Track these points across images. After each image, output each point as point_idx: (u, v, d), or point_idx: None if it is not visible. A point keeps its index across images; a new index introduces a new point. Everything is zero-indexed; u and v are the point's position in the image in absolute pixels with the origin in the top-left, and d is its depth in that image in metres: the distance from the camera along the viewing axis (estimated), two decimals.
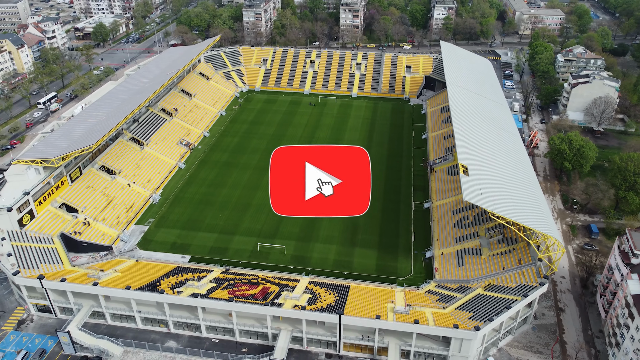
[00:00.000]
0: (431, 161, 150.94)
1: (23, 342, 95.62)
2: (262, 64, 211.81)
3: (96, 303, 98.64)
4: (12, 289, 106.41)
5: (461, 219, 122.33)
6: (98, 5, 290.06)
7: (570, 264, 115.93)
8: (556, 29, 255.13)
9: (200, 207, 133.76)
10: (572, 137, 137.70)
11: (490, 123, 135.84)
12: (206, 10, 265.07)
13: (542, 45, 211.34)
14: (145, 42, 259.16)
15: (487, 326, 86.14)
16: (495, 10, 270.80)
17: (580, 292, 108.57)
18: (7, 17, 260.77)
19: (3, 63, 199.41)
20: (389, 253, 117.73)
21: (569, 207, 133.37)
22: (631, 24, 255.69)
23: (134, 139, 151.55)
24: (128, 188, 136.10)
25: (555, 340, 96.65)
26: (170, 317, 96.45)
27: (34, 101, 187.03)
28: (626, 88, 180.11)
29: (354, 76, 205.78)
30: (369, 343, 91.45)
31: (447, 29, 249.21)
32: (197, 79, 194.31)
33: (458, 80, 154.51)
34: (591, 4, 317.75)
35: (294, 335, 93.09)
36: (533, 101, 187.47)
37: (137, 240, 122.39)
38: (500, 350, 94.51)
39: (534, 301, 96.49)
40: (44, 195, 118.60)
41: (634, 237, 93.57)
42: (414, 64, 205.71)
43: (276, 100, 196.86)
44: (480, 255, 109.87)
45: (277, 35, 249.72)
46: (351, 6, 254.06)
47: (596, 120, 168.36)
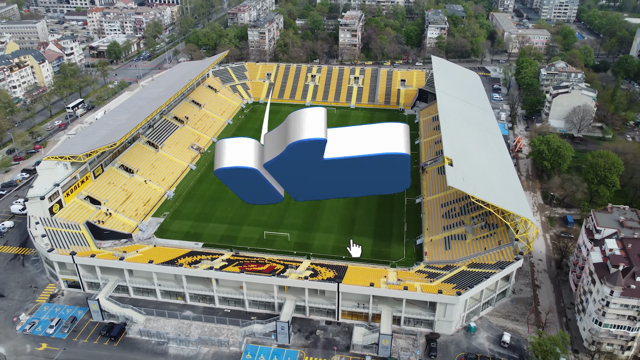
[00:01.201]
0: (423, 163, 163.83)
1: (55, 312, 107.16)
2: (267, 78, 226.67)
3: (121, 278, 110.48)
4: (43, 268, 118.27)
5: (449, 211, 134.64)
6: (111, 26, 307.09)
7: (547, 249, 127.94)
8: (542, 48, 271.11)
9: (211, 202, 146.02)
10: (550, 138, 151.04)
11: (475, 125, 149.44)
12: (213, 30, 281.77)
13: (527, 60, 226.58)
14: (156, 59, 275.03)
15: (468, 292, 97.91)
16: (485, 30, 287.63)
17: (556, 272, 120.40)
18: (27, 37, 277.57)
19: (25, 77, 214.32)
20: (383, 240, 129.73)
21: (548, 202, 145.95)
22: (613, 43, 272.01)
23: (150, 142, 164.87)
24: (145, 185, 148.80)
25: (530, 310, 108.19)
26: (187, 290, 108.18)
27: (55, 110, 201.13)
28: (604, 99, 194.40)
29: (352, 89, 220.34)
30: (364, 310, 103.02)
31: (439, 47, 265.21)
32: (206, 91, 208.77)
33: (447, 89, 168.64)
34: (577, 26, 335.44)
35: (297, 304, 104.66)
36: (518, 111, 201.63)
37: (154, 230, 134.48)
38: (481, 318, 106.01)
39: (511, 276, 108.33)
40: (70, 188, 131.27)
41: (597, 217, 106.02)
42: (408, 78, 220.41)
43: (279, 111, 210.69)
44: (465, 240, 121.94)
45: (280, 53, 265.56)
46: (349, 26, 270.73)
47: (576, 127, 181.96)
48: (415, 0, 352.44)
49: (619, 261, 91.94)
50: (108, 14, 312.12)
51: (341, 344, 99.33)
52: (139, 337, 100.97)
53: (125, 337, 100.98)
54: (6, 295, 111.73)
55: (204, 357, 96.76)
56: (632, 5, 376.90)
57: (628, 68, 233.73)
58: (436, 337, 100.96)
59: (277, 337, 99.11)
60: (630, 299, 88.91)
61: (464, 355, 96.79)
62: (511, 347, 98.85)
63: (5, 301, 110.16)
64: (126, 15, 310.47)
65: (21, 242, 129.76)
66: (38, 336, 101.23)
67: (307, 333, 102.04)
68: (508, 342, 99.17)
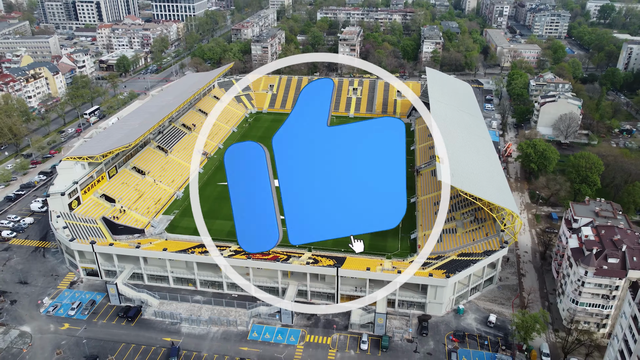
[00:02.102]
0: (417, 166, 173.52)
1: (76, 297, 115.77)
2: (269, 90, 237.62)
3: (136, 265, 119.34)
4: (63, 258, 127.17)
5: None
6: (119, 41, 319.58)
7: (533, 243, 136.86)
8: (533, 61, 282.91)
9: (218, 202, 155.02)
10: (536, 142, 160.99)
11: (465, 129, 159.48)
12: (218, 45, 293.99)
13: (518, 73, 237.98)
14: (163, 72, 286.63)
15: (456, 276, 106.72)
16: (478, 45, 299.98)
17: (540, 263, 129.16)
18: (39, 51, 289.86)
19: (40, 87, 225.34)
20: (380, 235, 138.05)
21: (535, 201, 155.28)
22: (601, 57, 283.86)
23: (160, 147, 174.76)
24: (155, 185, 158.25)
25: (516, 295, 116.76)
26: (198, 276, 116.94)
27: (69, 119, 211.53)
28: (590, 108, 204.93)
29: (351, 99, 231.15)
30: (361, 294, 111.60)
31: (435, 61, 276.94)
32: (212, 101, 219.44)
33: (440, 97, 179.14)
34: (568, 41, 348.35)
35: (299, 289, 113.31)
36: (509, 120, 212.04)
37: (164, 226, 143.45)
38: (470, 302, 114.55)
39: (497, 263, 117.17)
40: (87, 187, 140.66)
41: (574, 208, 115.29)
42: (404, 89, 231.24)
43: (282, 119, 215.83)
44: (456, 233, 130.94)
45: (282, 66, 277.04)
46: (348, 41, 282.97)
47: (563, 134, 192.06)
48: (412, 18, 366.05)
49: (593, 245, 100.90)
50: (117, 30, 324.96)
51: (340, 324, 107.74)
52: (153, 318, 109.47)
53: (141, 318, 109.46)
54: (29, 283, 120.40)
55: (214, 336, 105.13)
56: (621, 23, 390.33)
57: (614, 80, 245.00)
58: (428, 318, 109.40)
59: (281, 317, 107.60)
60: (602, 279, 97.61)
61: (453, 333, 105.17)
62: (497, 326, 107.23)
63: (28, 287, 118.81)
64: (134, 31, 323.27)
65: (41, 236, 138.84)
66: (60, 317, 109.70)
67: (309, 315, 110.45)
68: (494, 322, 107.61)
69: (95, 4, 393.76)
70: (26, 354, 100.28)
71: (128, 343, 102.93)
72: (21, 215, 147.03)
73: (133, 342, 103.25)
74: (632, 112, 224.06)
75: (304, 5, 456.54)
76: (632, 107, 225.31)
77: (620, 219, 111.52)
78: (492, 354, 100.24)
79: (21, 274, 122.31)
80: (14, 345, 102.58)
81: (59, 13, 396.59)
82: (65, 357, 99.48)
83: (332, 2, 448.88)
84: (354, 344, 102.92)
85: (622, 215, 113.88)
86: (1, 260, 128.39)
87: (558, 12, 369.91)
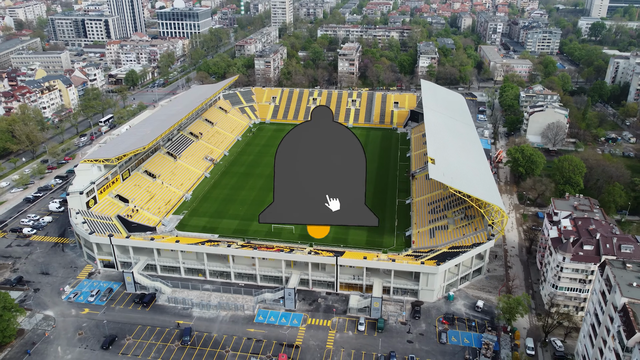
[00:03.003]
0: (413, 171, 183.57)
1: (94, 285, 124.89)
2: (272, 101, 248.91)
3: (150, 257, 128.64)
4: (81, 252, 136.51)
5: (434, 208, 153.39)
6: (127, 57, 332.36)
7: (520, 239, 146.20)
8: (525, 75, 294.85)
9: (224, 203, 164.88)
10: (524, 147, 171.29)
11: (456, 134, 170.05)
12: (222, 60, 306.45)
13: (509, 85, 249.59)
14: (169, 86, 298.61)
15: (446, 264, 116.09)
16: (472, 60, 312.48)
17: (526, 257, 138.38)
18: (51, 65, 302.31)
19: (54, 99, 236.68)
20: (377, 232, 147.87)
21: (523, 202, 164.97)
22: (590, 71, 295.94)
23: (169, 152, 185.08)
24: (166, 188, 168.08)
25: (502, 284, 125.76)
26: (207, 267, 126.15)
27: (81, 128, 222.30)
28: (577, 117, 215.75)
29: (350, 111, 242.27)
30: (359, 282, 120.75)
31: (430, 75, 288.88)
32: (217, 112, 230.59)
33: (434, 105, 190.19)
34: (560, 57, 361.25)
35: (302, 278, 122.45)
36: (500, 129, 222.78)
37: (175, 224, 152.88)
38: (459, 290, 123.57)
39: (485, 255, 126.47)
40: (103, 187, 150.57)
41: (555, 203, 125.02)
42: (400, 100, 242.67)
43: (284, 129, 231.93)
44: (447, 230, 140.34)
45: (284, 79, 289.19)
46: (348, 56, 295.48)
47: (551, 142, 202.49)
48: (409, 35, 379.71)
49: (570, 235, 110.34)
50: (125, 46, 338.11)
51: (339, 309, 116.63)
52: (167, 303, 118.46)
53: (155, 304, 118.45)
54: (50, 273, 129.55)
55: (223, 319, 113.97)
56: (611, 40, 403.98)
57: (602, 92, 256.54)
58: (420, 304, 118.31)
59: (285, 302, 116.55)
60: (578, 264, 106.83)
61: (443, 316, 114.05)
62: (484, 311, 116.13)
63: (50, 278, 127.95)
64: (142, 47, 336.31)
65: (59, 233, 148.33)
66: (81, 303, 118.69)
67: (310, 301, 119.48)
68: (481, 307, 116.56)
69: (103, 22, 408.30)
70: (51, 334, 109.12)
71: (144, 325, 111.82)
72: (40, 215, 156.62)
73: (148, 324, 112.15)
74: (618, 122, 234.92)
75: (304, 23, 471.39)
76: (618, 117, 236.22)
77: (596, 212, 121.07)
78: (478, 334, 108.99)
79: (43, 266, 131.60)
80: (38, 327, 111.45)
81: (69, 30, 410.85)
82: (87, 337, 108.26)
83: (332, 20, 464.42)
84: (352, 326, 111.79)
85: (599, 209, 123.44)
86: (23, 254, 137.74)
87: (550, 30, 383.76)
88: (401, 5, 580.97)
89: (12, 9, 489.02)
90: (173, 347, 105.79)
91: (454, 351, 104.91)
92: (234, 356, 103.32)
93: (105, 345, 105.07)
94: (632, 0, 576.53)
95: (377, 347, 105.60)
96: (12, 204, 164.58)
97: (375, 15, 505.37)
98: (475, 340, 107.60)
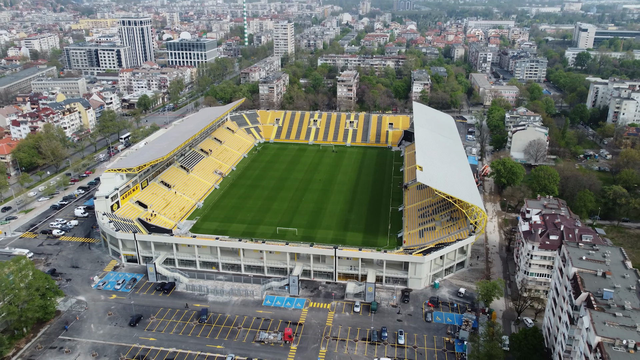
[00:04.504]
0: (405, 183, 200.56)
1: (119, 276, 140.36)
2: (275, 123, 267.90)
3: (169, 252, 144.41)
4: (107, 249, 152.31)
5: (423, 213, 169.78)
6: (139, 84, 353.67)
7: (500, 240, 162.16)
8: (512, 100, 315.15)
9: (233, 210, 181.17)
10: (505, 160, 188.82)
11: (444, 147, 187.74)
12: (228, 86, 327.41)
13: (496, 108, 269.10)
14: (179, 110, 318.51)
15: (431, 254, 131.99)
16: (463, 86, 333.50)
17: (505, 254, 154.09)
18: (69, 90, 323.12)
19: (74, 120, 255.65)
20: (371, 234, 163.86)
21: (505, 209, 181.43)
22: (573, 97, 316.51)
23: (182, 166, 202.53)
24: (179, 197, 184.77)
25: (483, 276, 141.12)
26: (220, 260, 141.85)
27: (99, 146, 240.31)
28: (557, 136, 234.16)
29: (348, 131, 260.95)
30: (355, 272, 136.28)
31: (423, 100, 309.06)
32: (225, 132, 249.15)
33: (424, 123, 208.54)
34: (546, 84, 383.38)
35: (304, 269, 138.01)
36: (487, 147, 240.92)
37: (189, 227, 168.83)
38: (444, 280, 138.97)
39: (467, 250, 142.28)
40: (125, 194, 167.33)
41: (528, 202, 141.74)
42: (395, 121, 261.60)
43: (287, 148, 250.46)
44: (435, 230, 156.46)
45: (286, 103, 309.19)
46: (346, 82, 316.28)
47: (533, 157, 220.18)
48: (404, 64, 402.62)
49: (539, 227, 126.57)
50: (137, 73, 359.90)
51: (337, 295, 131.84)
52: (185, 290, 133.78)
53: (175, 291, 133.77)
54: (80, 267, 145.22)
55: (234, 303, 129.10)
56: (596, 69, 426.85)
57: (582, 115, 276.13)
58: (409, 291, 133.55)
59: (290, 289, 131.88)
60: (545, 251, 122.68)
61: (429, 299, 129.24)
62: (465, 296, 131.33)
63: (80, 270, 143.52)
64: (152, 74, 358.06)
65: (85, 234, 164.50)
66: (109, 291, 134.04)
67: (312, 288, 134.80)
68: (463, 293, 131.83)
69: (115, 52, 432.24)
70: (84, 314, 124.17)
71: (165, 307, 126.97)
72: (67, 219, 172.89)
73: (169, 307, 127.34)
74: (597, 141, 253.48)
75: (305, 53, 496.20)
76: (597, 137, 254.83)
77: (563, 210, 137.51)
78: (460, 315, 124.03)
79: (72, 261, 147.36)
80: (73, 309, 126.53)
81: (82, 60, 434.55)
82: (115, 317, 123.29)
83: (331, 50, 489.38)
84: (349, 308, 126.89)
85: (565, 207, 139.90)
86: (54, 252, 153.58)
87: (537, 59, 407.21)
88: (398, 37, 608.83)
89: (28, 40, 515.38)
90: (192, 324, 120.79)
91: (437, 328, 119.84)
92: (245, 332, 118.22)
93: (132, 322, 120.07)
94: (617, 32, 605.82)
95: (370, 324, 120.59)
96: (41, 211, 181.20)
97: (372, 46, 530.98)
98: (457, 319, 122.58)
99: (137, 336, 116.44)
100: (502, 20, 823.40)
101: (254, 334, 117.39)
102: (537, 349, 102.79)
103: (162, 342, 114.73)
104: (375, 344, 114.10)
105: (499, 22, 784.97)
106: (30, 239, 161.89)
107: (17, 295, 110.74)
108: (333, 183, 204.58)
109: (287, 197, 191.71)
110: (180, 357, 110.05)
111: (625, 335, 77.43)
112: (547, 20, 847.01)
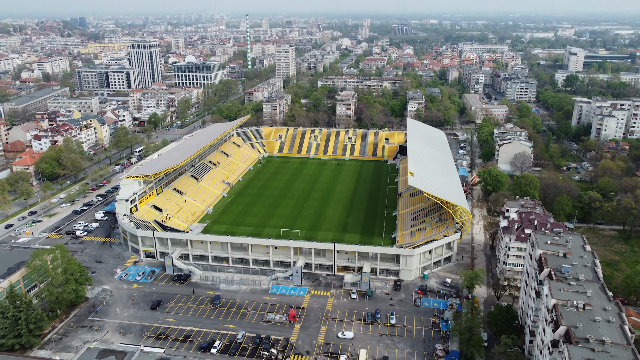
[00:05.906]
0: (399, 191, 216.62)
1: (139, 269, 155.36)
2: (278, 138, 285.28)
3: (184, 248, 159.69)
4: (127, 247, 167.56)
5: (415, 216, 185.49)
6: (148, 103, 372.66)
7: (485, 240, 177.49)
8: (502, 118, 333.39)
9: (241, 215, 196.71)
10: (491, 169, 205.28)
11: (434, 157, 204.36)
12: (233, 105, 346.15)
13: (486, 124, 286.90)
14: (187, 127, 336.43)
15: (420, 248, 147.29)
16: (456, 105, 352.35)
17: (489, 252, 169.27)
18: (83, 109, 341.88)
19: (90, 135, 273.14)
20: (368, 235, 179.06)
21: (490, 214, 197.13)
22: (560, 115, 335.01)
23: (193, 176, 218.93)
24: (191, 202, 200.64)
25: (468, 268, 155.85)
26: (231, 255, 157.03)
27: (114, 159, 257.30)
28: (541, 149, 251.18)
29: (347, 146, 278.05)
30: (352, 264, 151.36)
31: (418, 118, 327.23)
32: (231, 146, 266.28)
33: (417, 136, 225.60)
34: (536, 104, 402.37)
35: (306, 262, 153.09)
36: (476, 160, 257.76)
37: (200, 229, 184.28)
38: (433, 272, 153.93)
39: (454, 245, 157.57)
40: (142, 199, 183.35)
41: (507, 203, 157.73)
42: (391, 137, 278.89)
43: (289, 161, 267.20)
44: (425, 230, 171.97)
45: (288, 121, 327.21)
46: (345, 101, 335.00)
47: (519, 169, 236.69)
48: (400, 84, 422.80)
49: (515, 223, 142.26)
50: (146, 94, 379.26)
51: (336, 284, 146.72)
52: (199, 281, 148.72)
53: (190, 282, 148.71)
54: (103, 262, 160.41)
55: (244, 291, 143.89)
56: (584, 90, 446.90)
57: (567, 131, 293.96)
58: (401, 281, 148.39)
59: (293, 279, 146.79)
60: (521, 243, 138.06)
61: (419, 288, 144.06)
62: (451, 286, 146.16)
63: (103, 264, 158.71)
64: (161, 95, 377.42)
65: (106, 235, 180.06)
66: (130, 281, 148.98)
67: (313, 279, 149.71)
68: (449, 283, 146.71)
69: (125, 74, 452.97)
70: (110, 300, 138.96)
71: (182, 294, 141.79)
72: (89, 222, 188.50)
73: (185, 294, 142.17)
74: (580, 155, 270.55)
75: (306, 75, 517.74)
76: (580, 151, 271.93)
77: (538, 209, 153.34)
78: (445, 300, 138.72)
79: (96, 257, 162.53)
80: (99, 296, 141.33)
81: (93, 81, 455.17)
82: (138, 302, 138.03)
83: (331, 72, 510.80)
84: (347, 295, 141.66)
85: (541, 207, 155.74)
86: (79, 249, 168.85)
87: (527, 80, 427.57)
88: (395, 61, 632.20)
89: (40, 63, 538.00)
90: (206, 308, 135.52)
91: (425, 311, 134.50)
92: (254, 314, 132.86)
93: (153, 306, 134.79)
94: (606, 56, 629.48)
95: (365, 308, 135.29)
96: (63, 215, 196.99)
97: (370, 69, 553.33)
98: (443, 304, 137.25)
99: (158, 317, 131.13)
100: (496, 44, 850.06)
101: (262, 315, 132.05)
102: (510, 323, 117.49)
103: (180, 322, 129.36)
104: (370, 323, 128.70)
105: (493, 46, 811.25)
106: (56, 238, 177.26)
107: (55, 278, 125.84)
108: (332, 192, 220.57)
109: (290, 204, 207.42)
110: (197, 334, 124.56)
111: (576, 298, 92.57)
112: (540, 45, 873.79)
